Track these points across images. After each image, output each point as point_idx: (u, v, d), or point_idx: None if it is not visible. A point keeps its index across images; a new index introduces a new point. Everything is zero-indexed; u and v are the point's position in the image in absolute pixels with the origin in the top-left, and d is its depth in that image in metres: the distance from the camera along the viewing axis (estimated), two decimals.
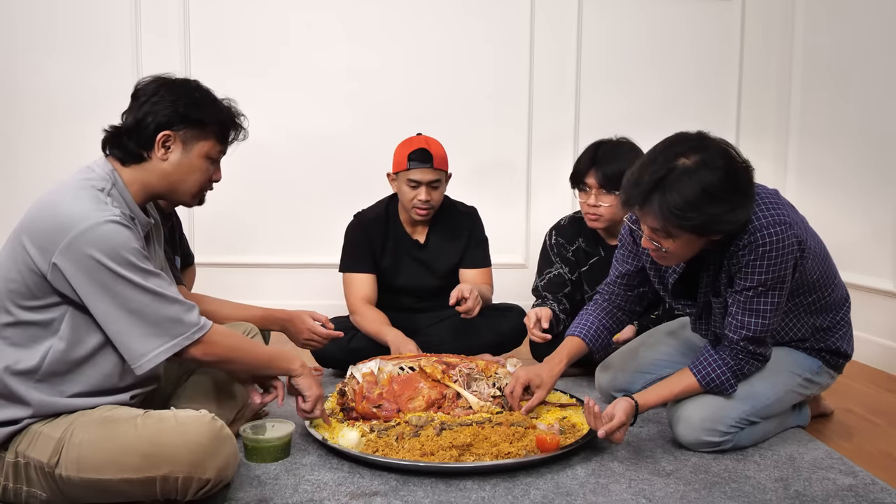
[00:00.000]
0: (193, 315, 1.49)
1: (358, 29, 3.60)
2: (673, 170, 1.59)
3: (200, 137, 1.58)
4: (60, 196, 1.44)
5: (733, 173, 1.60)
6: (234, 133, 1.65)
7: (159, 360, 1.44)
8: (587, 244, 2.56)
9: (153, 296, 1.42)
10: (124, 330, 1.42)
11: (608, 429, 1.72)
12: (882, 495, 1.62)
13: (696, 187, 1.56)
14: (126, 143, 1.54)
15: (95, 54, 3.46)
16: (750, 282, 1.72)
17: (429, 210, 2.54)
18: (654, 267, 1.97)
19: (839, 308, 1.95)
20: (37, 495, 1.44)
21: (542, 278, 2.59)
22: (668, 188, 1.58)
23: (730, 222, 1.61)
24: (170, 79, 1.59)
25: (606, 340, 2.05)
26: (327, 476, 1.69)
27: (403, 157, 2.50)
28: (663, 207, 1.59)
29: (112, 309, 1.40)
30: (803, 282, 1.82)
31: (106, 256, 1.38)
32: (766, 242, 1.67)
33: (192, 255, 2.51)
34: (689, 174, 1.57)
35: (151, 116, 1.52)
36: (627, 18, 3.67)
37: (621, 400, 1.79)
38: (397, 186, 2.57)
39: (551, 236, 2.62)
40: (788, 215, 1.71)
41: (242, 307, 2.07)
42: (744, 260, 1.71)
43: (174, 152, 1.56)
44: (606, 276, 2.52)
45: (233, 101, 1.67)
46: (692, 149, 1.60)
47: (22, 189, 3.34)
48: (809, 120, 3.46)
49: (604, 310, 2.06)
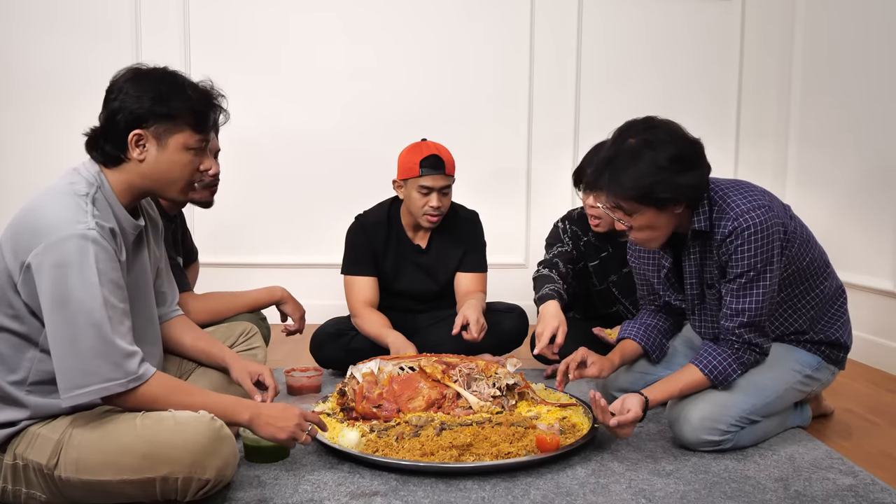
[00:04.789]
0: (132, 363, 1.39)
1: (358, 29, 3.60)
2: (620, 150, 1.74)
3: (174, 130, 1.49)
4: (42, 201, 1.41)
5: (676, 146, 1.73)
6: (213, 116, 1.55)
7: (83, 399, 1.36)
8: (597, 239, 2.57)
9: (97, 332, 1.34)
10: (60, 355, 1.35)
11: (621, 420, 1.75)
12: (882, 495, 1.62)
13: (639, 160, 1.71)
14: (103, 147, 1.49)
15: (96, 52, 3.46)
16: (740, 268, 1.77)
17: (439, 216, 2.53)
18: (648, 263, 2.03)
19: (835, 299, 1.97)
20: (36, 497, 1.44)
21: (551, 251, 2.57)
22: (616, 166, 1.73)
23: (675, 188, 1.72)
24: (137, 71, 1.51)
25: (658, 339, 2.12)
26: (327, 476, 1.68)
27: (414, 164, 2.46)
28: (612, 183, 1.74)
29: (58, 329, 1.34)
30: (794, 269, 1.86)
31: (68, 271, 1.33)
32: (749, 226, 1.74)
33: (196, 252, 2.51)
34: (635, 150, 1.73)
35: (120, 115, 1.46)
36: (627, 19, 3.67)
37: (632, 395, 1.81)
38: (405, 193, 2.53)
39: (564, 222, 2.63)
40: (767, 200, 1.79)
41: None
42: (732, 247, 1.77)
43: (149, 150, 1.48)
44: (616, 270, 2.55)
45: (208, 81, 1.57)
46: (639, 131, 1.76)
47: (9, 178, 3.35)
48: (809, 119, 3.46)
49: (651, 313, 2.16)
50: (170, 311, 1.81)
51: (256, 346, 2.08)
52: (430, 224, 2.54)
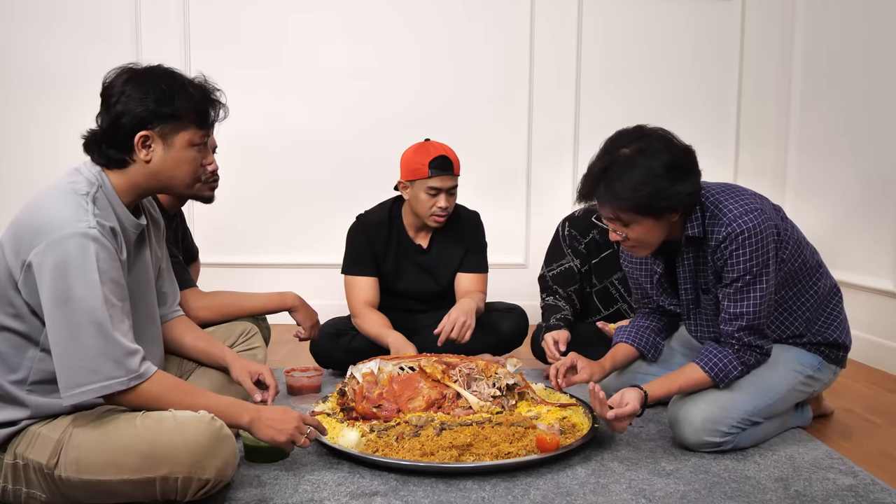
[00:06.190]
0: (133, 361, 1.39)
1: (358, 29, 3.60)
2: (615, 160, 1.73)
3: (179, 129, 1.50)
4: (43, 200, 1.41)
5: (670, 154, 1.73)
6: (214, 112, 1.57)
7: (84, 398, 1.36)
8: (601, 236, 2.57)
9: (98, 330, 1.34)
10: (61, 354, 1.35)
11: (618, 413, 1.75)
12: (882, 495, 1.62)
13: (635, 169, 1.70)
14: (106, 151, 1.49)
15: (95, 50, 3.46)
16: (736, 272, 1.77)
17: (446, 216, 2.54)
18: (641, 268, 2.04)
19: (830, 299, 1.97)
20: (36, 496, 1.44)
21: (552, 269, 2.62)
22: (611, 176, 1.72)
23: (672, 197, 1.71)
24: (134, 71, 1.51)
25: (652, 338, 2.12)
26: (327, 476, 1.68)
27: (422, 165, 2.46)
28: (609, 194, 1.73)
29: (59, 328, 1.34)
30: (787, 270, 1.86)
31: (69, 270, 1.33)
32: (743, 231, 1.74)
33: (197, 251, 2.51)
34: (630, 160, 1.72)
35: (125, 118, 1.46)
36: (627, 19, 3.67)
37: (631, 389, 1.81)
38: (411, 193, 2.52)
39: (564, 227, 2.64)
40: (759, 204, 1.80)
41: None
42: (727, 252, 1.77)
43: (156, 150, 1.49)
44: (617, 269, 2.56)
45: (204, 77, 1.58)
46: (631, 140, 1.75)
47: (8, 176, 3.35)
48: (810, 117, 3.46)
49: (645, 315, 2.16)
50: (171, 312, 1.81)
51: (256, 346, 2.08)
52: (436, 224, 2.54)
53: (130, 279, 1.51)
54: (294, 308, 2.31)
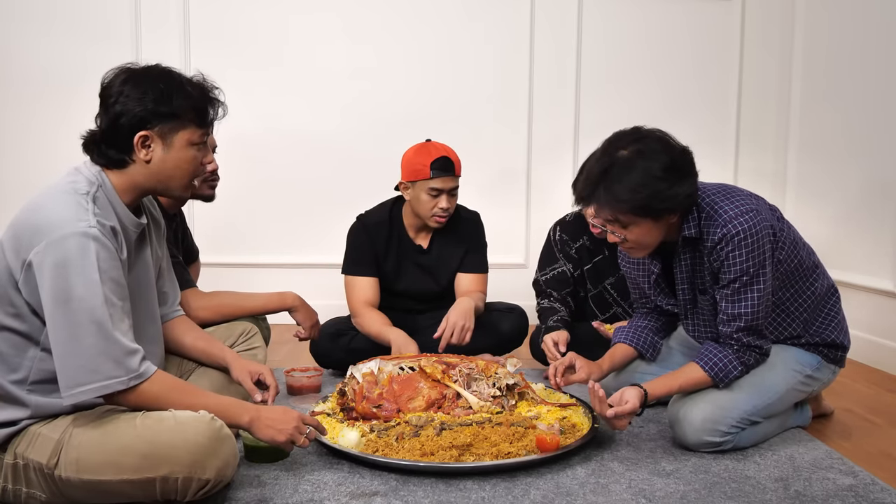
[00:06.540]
0: (134, 361, 1.39)
1: (358, 29, 3.60)
2: (614, 162, 1.73)
3: (178, 128, 1.50)
4: (43, 200, 1.41)
5: (668, 155, 1.73)
6: (213, 111, 1.56)
7: (85, 397, 1.36)
8: (591, 242, 2.57)
9: (98, 329, 1.34)
10: (62, 353, 1.35)
11: (618, 411, 1.75)
12: (882, 495, 1.62)
13: (634, 171, 1.70)
14: (106, 152, 1.48)
15: (95, 49, 3.46)
16: (733, 273, 1.78)
17: (447, 217, 2.54)
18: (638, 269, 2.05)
19: (827, 299, 1.97)
20: (36, 496, 1.44)
21: (545, 273, 2.62)
22: (610, 178, 1.72)
23: (671, 198, 1.72)
24: (132, 71, 1.50)
25: (650, 337, 2.12)
26: (327, 476, 1.68)
27: (424, 166, 2.45)
28: (609, 196, 1.72)
29: (59, 327, 1.34)
30: (783, 270, 1.86)
31: (70, 269, 1.33)
32: (739, 232, 1.75)
33: (197, 251, 2.51)
34: (628, 162, 1.72)
35: (123, 118, 1.45)
36: (627, 19, 3.67)
37: (631, 388, 1.81)
38: (412, 194, 2.51)
39: (555, 232, 2.63)
40: (755, 204, 1.80)
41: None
42: (723, 253, 1.77)
43: (156, 150, 1.49)
44: (612, 273, 2.56)
45: (202, 75, 1.57)
46: (629, 142, 1.75)
47: (8, 176, 3.35)
48: (809, 118, 3.46)
49: (643, 315, 2.16)
50: (171, 311, 1.81)
51: (256, 346, 2.08)
52: (437, 225, 2.54)
53: (131, 279, 1.51)
54: (294, 308, 2.31)
